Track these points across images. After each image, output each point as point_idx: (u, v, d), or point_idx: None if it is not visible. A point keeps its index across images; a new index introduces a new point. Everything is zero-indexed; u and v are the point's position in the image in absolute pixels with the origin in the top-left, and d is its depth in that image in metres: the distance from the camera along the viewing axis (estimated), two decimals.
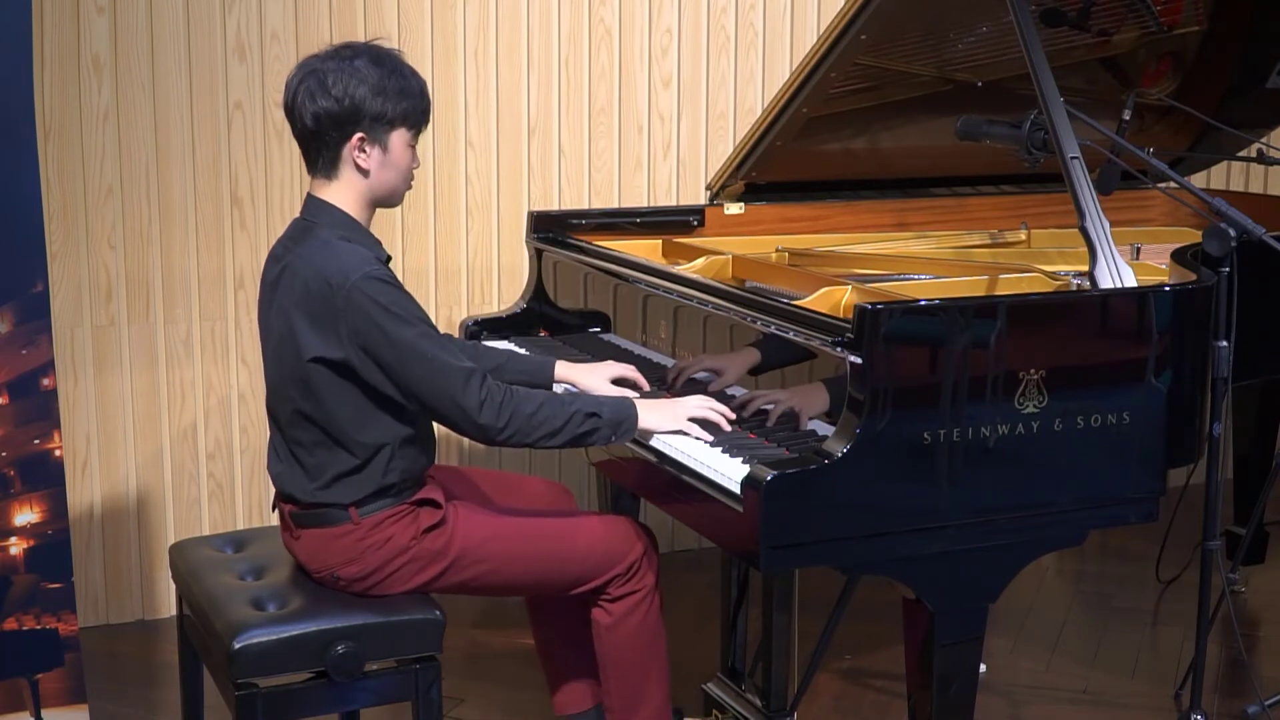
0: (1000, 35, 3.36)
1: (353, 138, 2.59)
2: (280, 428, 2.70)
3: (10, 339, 3.09)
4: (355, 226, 2.64)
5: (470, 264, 4.25)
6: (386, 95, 2.58)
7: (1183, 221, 3.95)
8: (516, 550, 2.74)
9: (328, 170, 2.63)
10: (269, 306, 2.68)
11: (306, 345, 2.56)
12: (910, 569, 2.51)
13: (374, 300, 2.52)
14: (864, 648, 3.81)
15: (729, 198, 3.65)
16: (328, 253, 2.57)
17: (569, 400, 2.65)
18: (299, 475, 2.66)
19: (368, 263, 2.56)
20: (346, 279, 2.52)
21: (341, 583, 2.66)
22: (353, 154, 2.60)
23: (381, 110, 2.58)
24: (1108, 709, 3.54)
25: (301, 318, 2.56)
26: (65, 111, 3.78)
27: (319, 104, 2.57)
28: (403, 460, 2.65)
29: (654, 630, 2.82)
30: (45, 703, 3.20)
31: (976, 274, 3.08)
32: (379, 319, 2.52)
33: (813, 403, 2.59)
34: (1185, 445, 2.69)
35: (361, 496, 2.63)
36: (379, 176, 2.63)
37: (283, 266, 2.64)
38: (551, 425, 2.61)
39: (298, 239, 2.65)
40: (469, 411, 2.55)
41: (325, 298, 2.53)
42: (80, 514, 3.91)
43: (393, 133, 2.62)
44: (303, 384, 2.59)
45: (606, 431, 2.66)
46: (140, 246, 3.90)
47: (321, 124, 2.58)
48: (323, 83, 2.57)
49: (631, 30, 4.31)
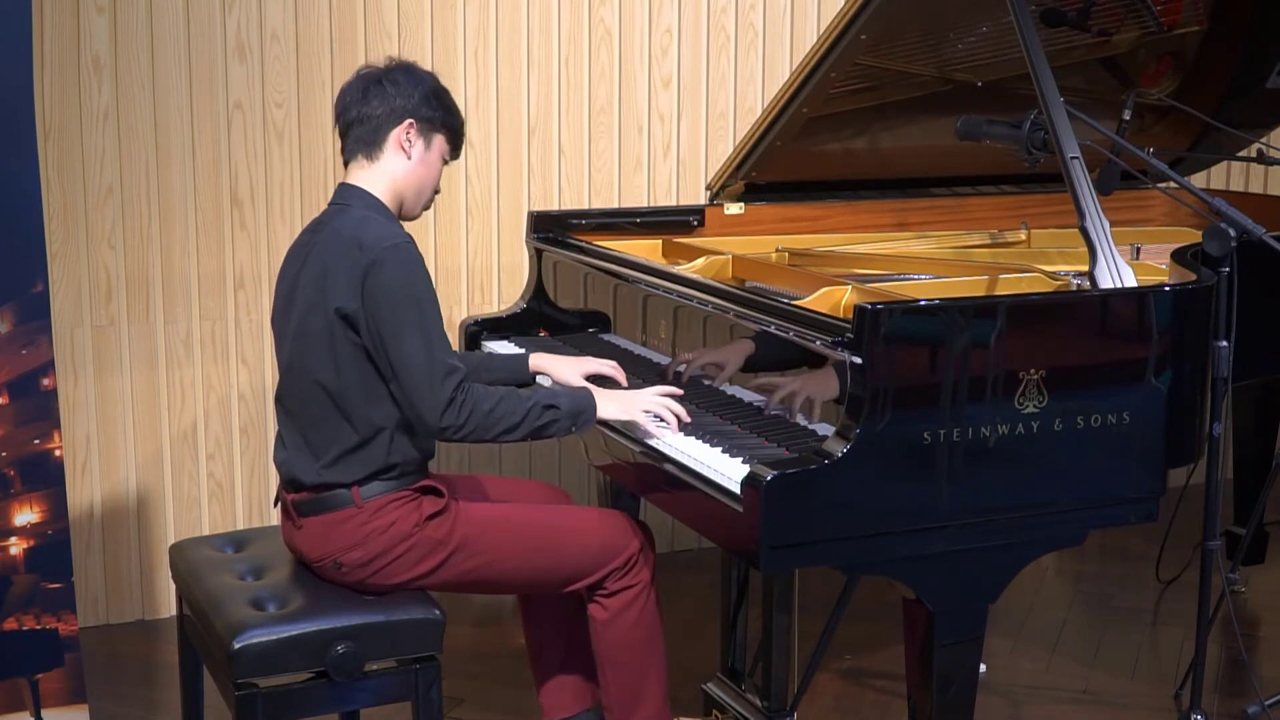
0: (1000, 35, 3.36)
1: (404, 122, 2.72)
2: (289, 411, 2.73)
3: (10, 339, 3.09)
4: (385, 210, 2.74)
5: (470, 264, 4.25)
6: (441, 104, 2.77)
7: (1183, 221, 3.95)
8: (516, 542, 2.76)
9: (370, 151, 2.74)
10: (292, 288, 2.72)
11: (333, 298, 2.62)
12: (910, 569, 2.51)
13: (399, 267, 2.61)
14: (864, 648, 3.81)
15: (729, 198, 3.65)
16: (361, 224, 2.67)
17: (526, 395, 2.70)
18: (305, 456, 2.69)
19: (400, 236, 2.66)
20: (379, 243, 2.62)
21: (344, 569, 2.67)
22: (400, 138, 2.73)
23: (433, 115, 2.75)
24: (1108, 709, 3.54)
25: (331, 275, 2.63)
26: (65, 111, 3.78)
27: (379, 91, 2.73)
28: (403, 444, 2.68)
29: (651, 626, 2.83)
30: (45, 703, 3.21)
31: (976, 274, 3.08)
32: (396, 285, 2.60)
33: (813, 402, 2.59)
34: (1185, 445, 2.69)
35: (364, 475, 2.66)
36: (415, 170, 2.75)
37: (310, 249, 2.71)
38: (510, 420, 2.66)
39: (328, 220, 2.73)
40: (437, 405, 2.60)
41: (354, 258, 2.62)
42: (80, 514, 3.91)
43: (436, 136, 2.77)
44: (327, 342, 2.64)
45: (565, 422, 2.71)
46: (140, 246, 3.91)
47: (376, 108, 2.73)
48: (385, 78, 2.75)
49: (631, 30, 4.31)
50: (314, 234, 2.74)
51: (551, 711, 3.04)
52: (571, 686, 3.02)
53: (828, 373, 2.53)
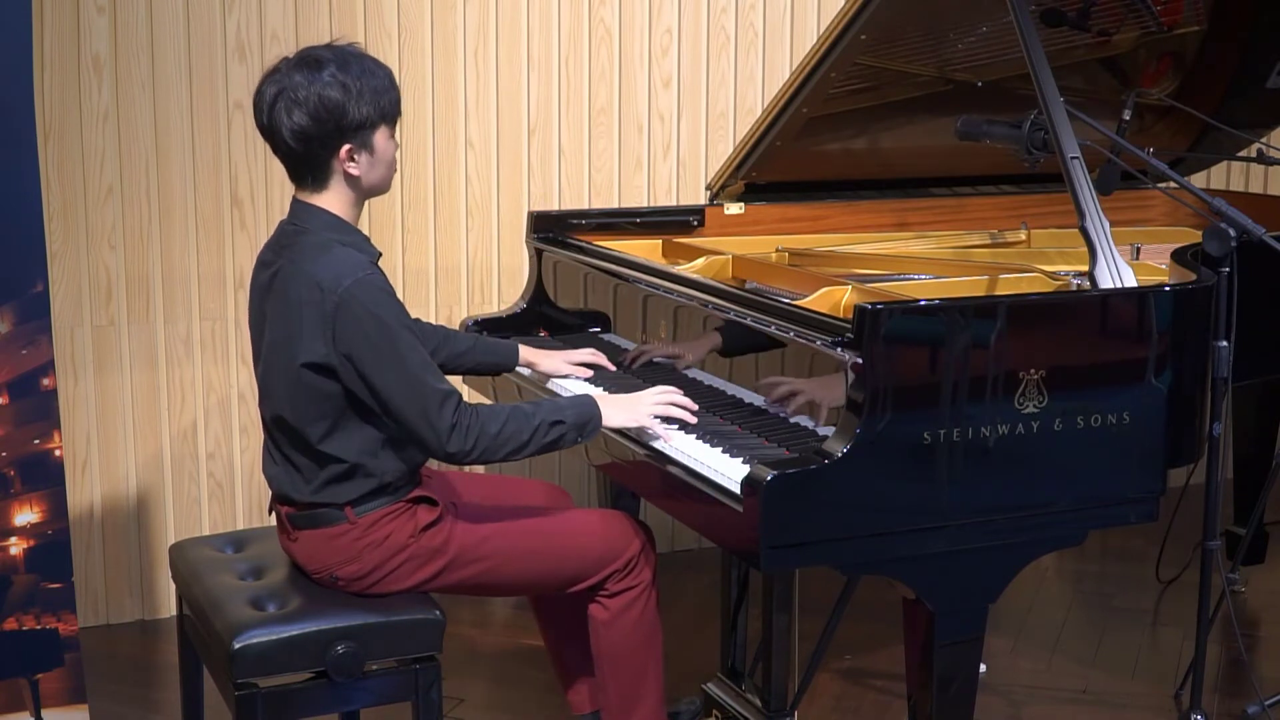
0: (1000, 35, 3.36)
1: (340, 150, 2.56)
2: (271, 431, 2.70)
3: (10, 339, 3.09)
4: (345, 227, 2.63)
5: (470, 264, 4.25)
6: (363, 99, 2.54)
7: (1183, 221, 3.95)
8: (514, 547, 2.74)
9: (317, 183, 2.61)
10: (259, 312, 2.68)
11: (297, 350, 2.55)
12: (910, 569, 2.51)
13: (363, 308, 2.52)
14: (864, 648, 3.81)
15: (729, 198, 3.65)
16: (320, 257, 2.56)
17: (532, 411, 2.65)
18: (294, 477, 2.66)
19: (361, 267, 2.55)
20: (339, 283, 2.52)
21: (340, 582, 2.66)
22: (343, 165, 2.59)
23: (363, 117, 2.55)
24: (1108, 709, 3.54)
25: (294, 323, 2.55)
26: (65, 111, 3.78)
27: (296, 122, 2.53)
28: (394, 460, 2.65)
29: (651, 626, 2.82)
30: (45, 703, 3.21)
31: (976, 274, 3.08)
32: (367, 327, 2.52)
33: (813, 402, 2.59)
34: (1185, 445, 2.69)
35: (356, 496, 2.64)
36: (369, 178, 2.63)
37: (273, 272, 2.63)
38: (518, 440, 2.61)
39: (287, 244, 2.63)
40: (439, 434, 2.55)
41: (316, 302, 2.52)
42: (80, 514, 3.91)
43: (375, 133, 2.59)
44: (292, 390, 2.58)
45: (572, 435, 2.68)
46: (140, 246, 3.91)
47: (305, 142, 2.55)
48: (296, 100, 2.52)
49: (631, 30, 4.31)
50: (278, 254, 2.63)
51: (580, 706, 3.05)
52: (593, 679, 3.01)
53: (828, 373, 2.53)
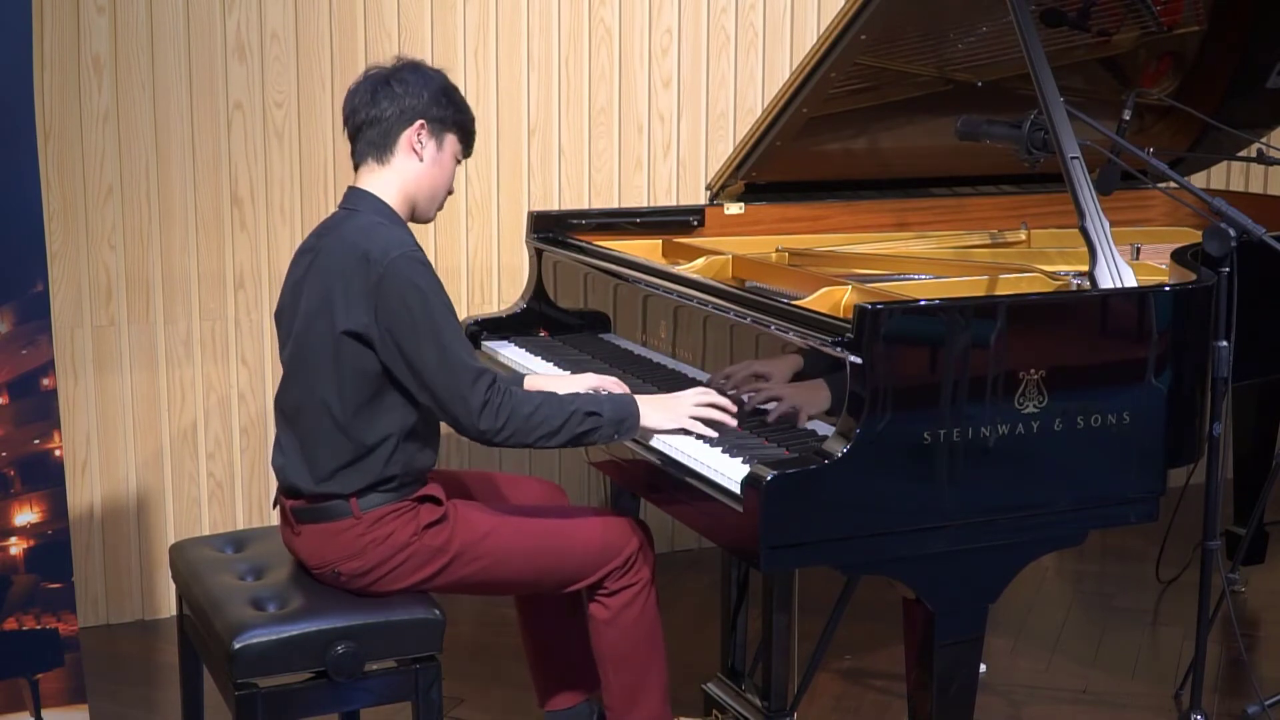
0: (1000, 35, 3.36)
1: (415, 123, 2.68)
2: (289, 419, 2.71)
3: (10, 339, 3.09)
4: (393, 215, 2.70)
5: (470, 264, 4.25)
6: (451, 103, 2.72)
7: (1183, 221, 3.95)
8: (515, 546, 2.75)
9: (380, 154, 2.69)
10: (293, 294, 2.70)
11: (339, 318, 2.59)
12: (910, 569, 2.51)
13: (408, 279, 2.56)
14: (864, 648, 3.81)
15: (729, 198, 3.64)
16: (368, 231, 2.63)
17: (569, 400, 2.65)
18: (302, 466, 2.67)
19: (407, 244, 2.61)
20: (386, 255, 2.57)
21: (342, 579, 2.66)
22: (411, 140, 2.68)
23: (444, 114, 2.71)
24: (1108, 709, 3.54)
25: (337, 291, 2.59)
26: (65, 111, 3.78)
27: (388, 92, 2.68)
28: (405, 454, 2.66)
29: (651, 624, 2.83)
30: (45, 703, 3.21)
31: (976, 274, 3.08)
32: (409, 299, 2.55)
33: (813, 402, 2.59)
34: (1185, 445, 2.69)
35: (362, 486, 2.64)
36: (428, 172, 2.71)
37: (316, 254, 2.68)
38: (550, 425, 2.62)
39: (333, 226, 2.70)
40: (472, 411, 2.57)
41: (362, 273, 2.57)
42: (80, 514, 3.91)
43: (448, 135, 2.72)
44: (327, 361, 2.61)
45: (608, 430, 2.66)
46: (140, 246, 3.91)
47: (386, 109, 2.67)
48: (393, 78, 2.69)
49: (631, 30, 4.31)
50: (320, 238, 2.71)
51: (552, 704, 3.05)
52: (570, 680, 3.03)
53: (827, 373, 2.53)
